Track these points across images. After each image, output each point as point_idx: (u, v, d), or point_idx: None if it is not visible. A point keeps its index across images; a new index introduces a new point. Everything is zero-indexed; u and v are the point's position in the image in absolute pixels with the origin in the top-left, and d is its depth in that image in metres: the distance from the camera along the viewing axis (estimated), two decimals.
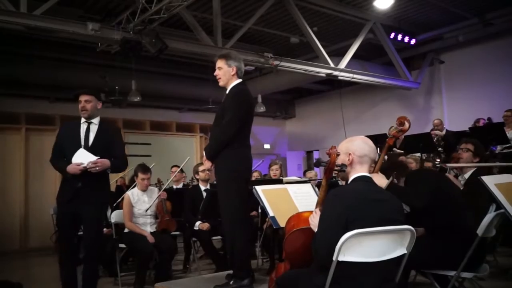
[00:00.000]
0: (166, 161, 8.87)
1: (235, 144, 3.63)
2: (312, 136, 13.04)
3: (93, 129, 3.88)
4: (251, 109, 3.85)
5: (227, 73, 3.79)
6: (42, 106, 9.69)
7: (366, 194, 2.34)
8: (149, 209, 5.07)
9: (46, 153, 9.19)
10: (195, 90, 10.67)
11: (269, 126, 13.42)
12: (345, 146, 2.54)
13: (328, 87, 12.29)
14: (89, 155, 3.72)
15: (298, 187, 3.83)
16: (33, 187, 9.14)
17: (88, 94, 3.87)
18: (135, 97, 8.72)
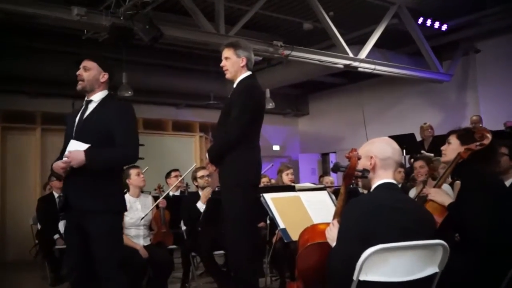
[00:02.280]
0: (162, 165, 8.87)
1: (243, 146, 3.65)
2: (328, 137, 13.03)
3: (90, 109, 3.40)
4: (261, 105, 3.87)
5: (235, 64, 3.82)
6: (21, 102, 9.75)
7: (389, 203, 2.34)
8: (144, 218, 5.07)
9: (26, 155, 9.35)
10: (194, 83, 10.68)
11: (278, 124, 13.42)
12: (366, 148, 2.56)
13: (346, 80, 12.27)
14: (82, 146, 3.23)
15: (313, 195, 3.82)
16: (11, 193, 9.19)
17: (89, 59, 3.41)
18: (125, 91, 8.75)
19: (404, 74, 9.62)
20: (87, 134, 3.28)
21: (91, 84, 3.39)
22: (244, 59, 3.82)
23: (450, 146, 3.23)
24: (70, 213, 3.33)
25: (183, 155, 10.72)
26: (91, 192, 3.21)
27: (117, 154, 3.27)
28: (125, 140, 3.28)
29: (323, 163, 13.28)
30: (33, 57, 8.99)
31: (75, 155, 3.17)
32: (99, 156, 3.22)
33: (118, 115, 3.31)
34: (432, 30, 9.25)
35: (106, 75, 3.44)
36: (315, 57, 8.42)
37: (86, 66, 3.39)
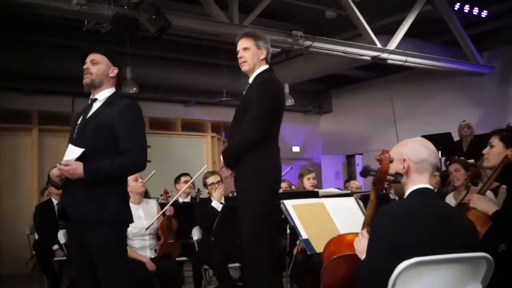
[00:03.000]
0: (170, 169, 8.89)
1: (261, 147, 3.66)
2: (354, 137, 12.99)
3: (94, 108, 3.38)
4: (281, 102, 3.89)
5: (255, 56, 3.84)
6: (15, 100, 9.84)
7: (425, 211, 2.33)
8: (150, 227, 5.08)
9: (21, 158, 9.42)
10: (205, 78, 10.71)
11: (298, 123, 13.41)
12: (398, 150, 2.56)
13: (373, 74, 12.22)
14: (76, 150, 3.20)
15: (338, 202, 3.83)
16: (5, 200, 9.25)
17: (97, 52, 3.41)
18: (130, 88, 8.80)
19: (439, 66, 9.55)
20: (88, 137, 3.27)
21: (100, 79, 3.39)
22: (264, 51, 3.85)
23: (493, 150, 3.21)
24: (70, 223, 3.35)
25: (194, 158, 10.73)
26: (89, 201, 3.20)
27: (122, 163, 3.21)
28: (130, 144, 3.24)
29: (348, 166, 13.23)
30: (28, 51, 9.08)
31: (74, 169, 3.14)
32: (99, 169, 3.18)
33: (122, 115, 3.27)
34: (470, 17, 9.16)
35: (115, 70, 3.44)
36: (339, 48, 8.40)
37: (95, 59, 3.38)
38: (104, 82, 3.39)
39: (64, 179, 3.24)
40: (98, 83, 3.38)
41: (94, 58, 3.38)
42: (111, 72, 3.42)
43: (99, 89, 3.40)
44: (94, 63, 3.37)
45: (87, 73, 3.36)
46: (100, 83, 3.38)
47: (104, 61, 3.40)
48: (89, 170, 3.16)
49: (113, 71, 3.43)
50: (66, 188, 3.32)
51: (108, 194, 3.24)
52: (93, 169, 3.17)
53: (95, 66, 3.37)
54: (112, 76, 3.43)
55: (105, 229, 3.19)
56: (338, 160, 13.26)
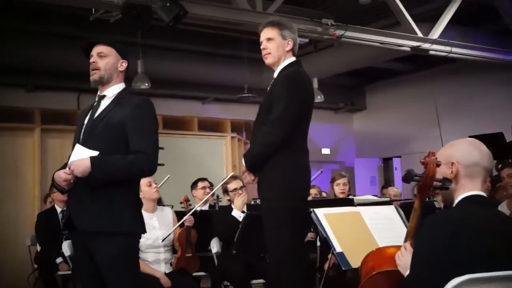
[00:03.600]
0: (185, 173, 8.92)
1: (288, 149, 3.67)
2: (391, 137, 12.93)
3: (103, 106, 3.39)
4: (310, 98, 3.90)
5: (280, 48, 3.85)
6: (16, 97, 9.96)
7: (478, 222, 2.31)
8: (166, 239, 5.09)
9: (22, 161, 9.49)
10: (224, 73, 10.75)
11: (328, 122, 13.38)
12: (446, 152, 2.54)
13: (413, 67, 12.14)
14: (88, 153, 3.22)
15: (377, 211, 3.84)
16: (4, 208, 9.28)
17: (105, 44, 3.40)
18: (142, 83, 8.83)
19: (488, 57, 9.47)
20: (97, 138, 3.28)
21: (110, 74, 3.38)
22: (291, 41, 3.87)
23: None
24: (75, 234, 3.36)
25: (211, 161, 10.74)
26: (97, 209, 3.20)
27: (130, 163, 3.22)
28: (142, 146, 3.24)
29: (384, 170, 13.20)
30: (30, 42, 9.14)
31: (79, 162, 3.15)
32: (107, 164, 3.19)
33: (134, 114, 3.28)
34: None
35: (125, 63, 3.44)
36: (375, 38, 8.35)
37: (102, 52, 3.37)
38: (113, 77, 3.39)
39: (71, 184, 3.23)
40: (107, 79, 3.37)
41: (102, 50, 3.37)
42: (120, 66, 3.41)
43: (108, 84, 3.40)
44: (101, 56, 3.37)
45: (95, 68, 3.36)
46: (109, 79, 3.38)
47: (112, 53, 3.40)
48: (96, 161, 3.15)
49: (122, 65, 3.43)
50: (72, 194, 3.32)
51: (119, 201, 3.24)
52: (101, 160, 3.18)
53: (103, 59, 3.37)
54: (122, 70, 3.43)
55: (115, 241, 3.19)
56: (373, 164, 13.22)
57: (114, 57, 3.39)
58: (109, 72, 3.37)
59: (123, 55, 3.45)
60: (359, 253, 2.96)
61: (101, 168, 3.16)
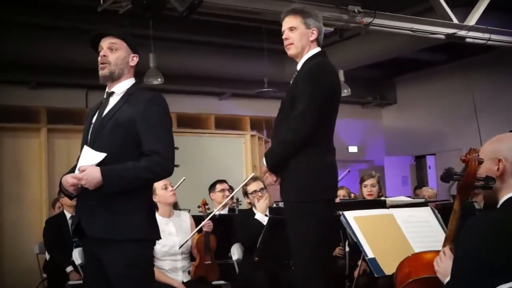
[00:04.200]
0: (201, 174, 8.92)
1: (312, 148, 3.66)
2: (424, 133, 12.88)
3: (111, 103, 3.38)
4: (336, 92, 3.88)
5: (304, 37, 3.83)
6: (19, 95, 10.02)
7: None
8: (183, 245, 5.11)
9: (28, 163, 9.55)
10: (242, 65, 10.77)
11: (356, 118, 13.36)
12: (490, 148, 2.52)
13: (448, 57, 12.06)
14: (95, 155, 3.21)
15: (411, 213, 3.82)
16: (10, 213, 9.36)
17: (115, 35, 3.39)
18: (154, 78, 8.86)
19: None
20: (105, 138, 3.27)
21: (120, 68, 3.37)
22: (315, 31, 3.85)
23: None
24: (85, 241, 3.38)
25: (230, 161, 10.74)
26: (107, 214, 3.21)
27: (147, 166, 3.19)
28: (156, 146, 3.23)
29: (417, 169, 13.16)
30: (33, 36, 9.19)
31: (89, 174, 3.12)
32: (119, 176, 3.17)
33: (145, 112, 3.26)
34: None
35: (136, 58, 3.43)
36: (406, 25, 8.30)
37: (114, 44, 3.36)
38: (124, 73, 3.39)
39: (80, 189, 3.23)
40: (118, 74, 3.37)
41: (112, 41, 3.36)
42: (131, 60, 3.41)
43: (117, 81, 3.39)
44: (112, 49, 3.35)
45: (105, 61, 3.34)
46: (120, 74, 3.37)
47: (123, 46, 3.38)
48: (108, 175, 3.14)
49: (134, 59, 3.42)
50: (81, 199, 3.33)
51: (130, 205, 3.24)
52: (113, 173, 3.16)
53: (114, 53, 3.35)
54: (132, 65, 3.42)
55: (126, 248, 3.19)
56: (405, 162, 13.17)
57: (125, 50, 3.38)
58: (120, 67, 3.36)
59: (134, 49, 3.43)
60: (393, 259, 2.96)
61: (112, 180, 3.15)
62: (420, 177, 12.83)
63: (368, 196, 6.04)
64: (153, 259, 3.65)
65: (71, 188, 3.24)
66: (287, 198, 3.80)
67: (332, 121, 3.84)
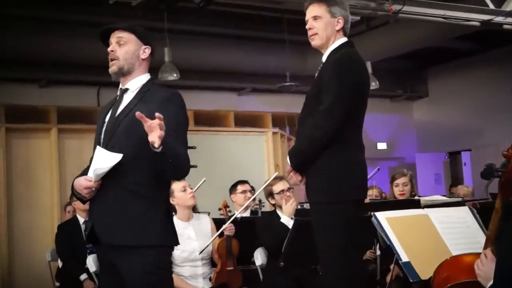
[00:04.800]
0: (220, 175, 8.94)
1: (340, 145, 3.66)
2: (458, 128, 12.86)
3: (126, 101, 3.40)
4: (365, 85, 3.88)
5: (329, 27, 3.83)
6: (28, 94, 10.12)
7: None
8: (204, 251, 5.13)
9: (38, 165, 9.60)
10: (263, 58, 10.77)
11: (384, 112, 13.36)
12: None
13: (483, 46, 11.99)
14: (111, 156, 3.19)
15: (448, 213, 3.81)
16: (20, 218, 9.39)
17: (123, 29, 3.39)
18: (169, 74, 8.88)
19: None
20: (119, 138, 3.26)
21: (130, 63, 3.36)
22: (341, 19, 3.84)
23: None
24: (100, 247, 3.38)
25: (251, 160, 10.73)
26: (122, 219, 3.21)
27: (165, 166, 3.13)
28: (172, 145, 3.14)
29: (451, 166, 13.16)
30: (41, 31, 9.26)
31: None
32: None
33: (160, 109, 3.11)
34: None
35: (148, 49, 3.42)
36: (438, 12, 8.22)
37: (122, 38, 3.37)
38: (135, 67, 3.39)
39: (93, 192, 3.23)
40: (127, 69, 3.37)
41: (121, 36, 3.37)
42: (142, 53, 3.40)
43: (130, 76, 3.39)
44: (120, 43, 3.36)
45: (113, 57, 3.36)
46: (130, 69, 3.38)
47: (132, 39, 3.38)
48: None
49: (145, 51, 3.41)
50: (94, 203, 3.33)
51: (147, 209, 3.23)
52: None
53: (122, 47, 3.36)
54: (144, 58, 3.41)
55: (143, 255, 3.19)
56: (438, 159, 13.19)
57: (134, 43, 3.38)
58: (129, 62, 3.36)
59: (145, 40, 3.43)
60: (429, 263, 2.98)
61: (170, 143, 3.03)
62: (454, 175, 12.80)
63: (400, 195, 6.02)
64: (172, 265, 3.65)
65: (84, 191, 3.23)
66: (313, 199, 3.80)
67: (361, 116, 3.83)
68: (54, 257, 7.35)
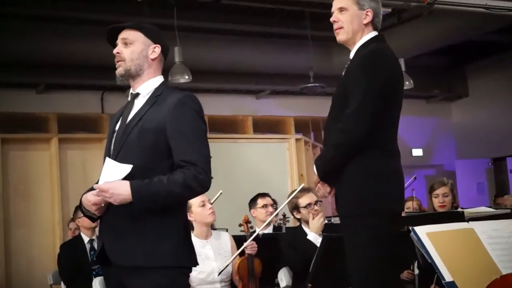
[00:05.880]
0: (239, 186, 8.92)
1: (372, 151, 3.65)
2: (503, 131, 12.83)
3: (137, 106, 3.41)
4: (398, 83, 3.85)
5: (355, 20, 3.82)
6: (26, 100, 10.20)
7: None
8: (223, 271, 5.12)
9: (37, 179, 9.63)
10: (283, 57, 10.78)
11: (420, 115, 13.34)
12: None
13: None
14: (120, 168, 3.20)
15: (495, 226, 3.76)
16: (18, 237, 9.39)
17: (129, 28, 3.42)
18: (180, 75, 8.88)
19: None
20: (130, 148, 3.27)
21: (137, 64, 3.37)
22: (370, 12, 3.84)
23: None
24: (110, 269, 3.36)
25: (272, 170, 10.71)
26: (136, 239, 3.21)
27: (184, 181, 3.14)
28: (191, 155, 3.20)
29: (496, 174, 13.11)
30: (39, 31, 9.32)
31: (116, 187, 3.11)
32: (154, 191, 3.13)
33: (176, 115, 3.25)
34: None
35: (158, 48, 3.42)
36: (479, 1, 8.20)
37: (127, 38, 3.38)
38: (143, 68, 3.39)
39: (103, 208, 3.23)
40: (135, 71, 3.38)
41: (126, 36, 3.39)
42: (151, 53, 3.41)
43: (140, 79, 3.41)
44: (127, 44, 3.38)
45: (119, 59, 3.37)
46: (138, 70, 3.38)
47: (138, 38, 3.40)
48: (139, 190, 3.11)
49: (154, 50, 3.42)
50: (104, 221, 3.33)
51: (162, 227, 3.23)
52: (145, 188, 3.13)
53: (128, 47, 3.37)
54: (154, 57, 3.42)
55: (159, 277, 3.19)
56: (480, 166, 13.15)
57: (141, 42, 3.39)
58: (137, 62, 3.37)
59: (154, 38, 3.44)
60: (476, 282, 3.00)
61: (144, 197, 3.12)
62: (499, 183, 12.75)
63: (440, 207, 5.99)
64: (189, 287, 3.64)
65: (94, 208, 3.24)
66: (344, 212, 3.79)
67: (395, 118, 3.80)
68: (57, 279, 7.36)
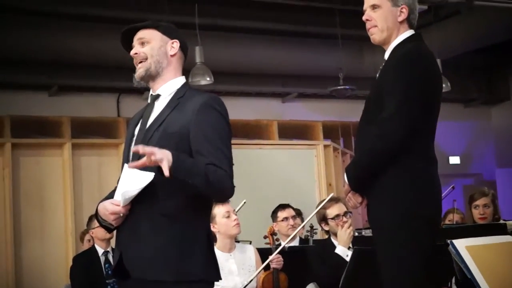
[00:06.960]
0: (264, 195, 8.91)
1: (408, 158, 3.64)
2: None
3: (157, 109, 3.42)
4: (436, 86, 3.86)
5: (390, 17, 3.82)
6: (38, 103, 10.25)
7: None
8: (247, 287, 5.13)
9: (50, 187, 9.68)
10: (310, 58, 10.77)
11: (457, 120, 13.31)
12: None
13: None
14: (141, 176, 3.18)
15: None
16: (30, 248, 9.47)
17: (146, 27, 3.45)
18: (201, 77, 8.92)
19: None
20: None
21: (157, 61, 3.38)
22: (405, 9, 3.83)
23: None
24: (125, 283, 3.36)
25: (299, 178, 10.73)
26: (157, 250, 3.20)
27: (215, 176, 3.14)
28: (215, 160, 3.19)
29: None
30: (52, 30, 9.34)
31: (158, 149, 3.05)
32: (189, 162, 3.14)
33: (199, 118, 3.25)
34: None
35: (176, 43, 3.44)
36: None
37: (144, 37, 3.41)
38: (163, 66, 3.41)
39: (122, 218, 3.24)
40: (155, 69, 3.39)
41: (142, 36, 3.41)
42: (170, 49, 3.43)
43: (160, 79, 3.42)
44: (144, 43, 3.41)
45: (139, 59, 3.39)
46: (157, 69, 3.40)
47: (155, 36, 3.42)
48: (177, 155, 3.09)
49: (173, 46, 3.44)
50: (122, 231, 3.33)
51: (185, 238, 3.23)
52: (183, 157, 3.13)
53: (145, 46, 3.40)
54: (173, 53, 3.44)
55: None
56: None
57: (159, 39, 3.42)
58: (156, 59, 3.39)
59: (172, 34, 3.47)
60: None
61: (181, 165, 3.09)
62: None
63: (481, 219, 5.98)
64: None
65: (111, 218, 3.24)
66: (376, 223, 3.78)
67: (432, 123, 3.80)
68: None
